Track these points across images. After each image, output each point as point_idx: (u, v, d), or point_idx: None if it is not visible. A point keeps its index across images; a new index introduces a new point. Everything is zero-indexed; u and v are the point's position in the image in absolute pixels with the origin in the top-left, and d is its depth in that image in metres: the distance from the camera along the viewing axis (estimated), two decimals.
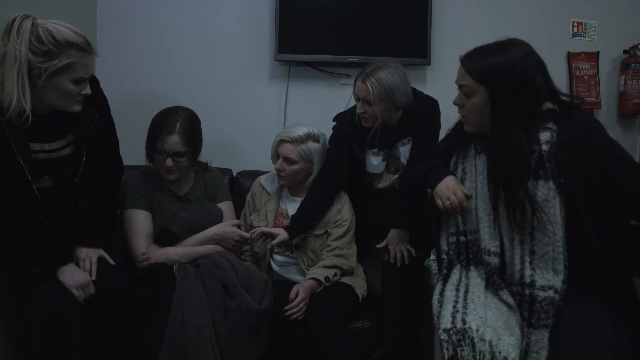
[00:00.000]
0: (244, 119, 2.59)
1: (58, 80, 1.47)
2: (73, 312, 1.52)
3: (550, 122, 1.34)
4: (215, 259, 1.77)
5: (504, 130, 1.32)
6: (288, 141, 1.97)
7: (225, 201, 2.04)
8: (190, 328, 1.56)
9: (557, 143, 1.31)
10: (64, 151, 1.62)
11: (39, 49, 1.42)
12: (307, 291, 1.81)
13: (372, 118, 1.93)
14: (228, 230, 1.92)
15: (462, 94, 1.40)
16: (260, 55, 2.59)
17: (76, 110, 1.56)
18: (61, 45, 1.44)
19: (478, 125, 1.41)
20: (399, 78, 1.89)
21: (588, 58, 2.74)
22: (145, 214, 1.88)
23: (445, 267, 1.47)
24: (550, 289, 1.29)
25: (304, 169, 1.99)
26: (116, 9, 2.51)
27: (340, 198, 2.04)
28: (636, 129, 2.81)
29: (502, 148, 1.32)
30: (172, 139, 1.83)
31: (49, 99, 1.51)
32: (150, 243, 1.85)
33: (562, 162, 1.30)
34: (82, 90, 1.53)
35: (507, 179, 1.33)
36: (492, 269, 1.38)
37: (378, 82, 1.86)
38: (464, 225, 1.45)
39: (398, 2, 2.53)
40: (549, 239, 1.30)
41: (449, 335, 1.27)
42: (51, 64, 1.43)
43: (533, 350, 1.26)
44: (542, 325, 1.27)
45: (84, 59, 1.49)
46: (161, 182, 1.95)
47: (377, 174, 2.10)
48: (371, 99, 1.87)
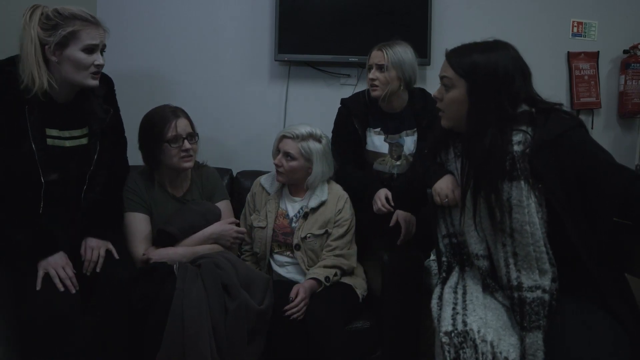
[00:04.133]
0: (244, 119, 2.59)
1: (69, 51, 1.56)
2: (73, 312, 1.53)
3: (524, 125, 1.34)
4: (216, 258, 1.77)
5: (479, 126, 1.33)
6: (290, 137, 1.99)
7: (223, 200, 2.04)
8: (189, 327, 1.57)
9: (531, 147, 1.31)
10: (81, 141, 1.69)
11: (47, 25, 1.55)
12: (307, 291, 1.81)
13: (382, 85, 2.07)
14: (225, 228, 1.92)
15: (442, 87, 1.42)
16: (260, 55, 2.59)
17: (92, 84, 1.63)
18: (65, 17, 1.56)
19: (454, 120, 1.41)
20: (411, 54, 2.09)
21: (588, 58, 2.74)
22: (143, 216, 1.87)
23: (444, 270, 1.48)
24: (538, 289, 1.28)
25: (303, 167, 1.99)
26: (116, 9, 2.51)
27: (340, 198, 2.04)
28: (636, 129, 2.82)
29: (476, 145, 1.33)
30: (183, 122, 1.87)
31: (66, 75, 1.59)
32: (149, 245, 1.85)
33: (539, 167, 1.30)
34: (94, 61, 1.60)
35: (480, 178, 1.33)
36: (484, 272, 1.38)
37: (393, 51, 2.06)
38: (453, 228, 1.47)
39: (398, 2, 2.53)
40: (527, 239, 1.29)
41: (450, 338, 1.27)
42: (57, 33, 1.54)
43: (529, 353, 1.25)
44: (534, 327, 1.26)
45: (88, 27, 1.58)
46: (159, 184, 1.94)
47: (378, 153, 2.16)
48: (385, 64, 2.05)
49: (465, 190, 1.39)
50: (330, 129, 2.30)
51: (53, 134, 1.62)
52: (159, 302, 1.61)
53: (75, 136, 1.68)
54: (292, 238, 1.98)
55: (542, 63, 2.72)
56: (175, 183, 1.96)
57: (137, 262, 1.81)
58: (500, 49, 1.36)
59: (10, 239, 1.54)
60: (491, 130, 1.31)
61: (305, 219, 1.99)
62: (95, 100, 1.70)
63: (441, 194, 1.44)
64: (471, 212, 1.38)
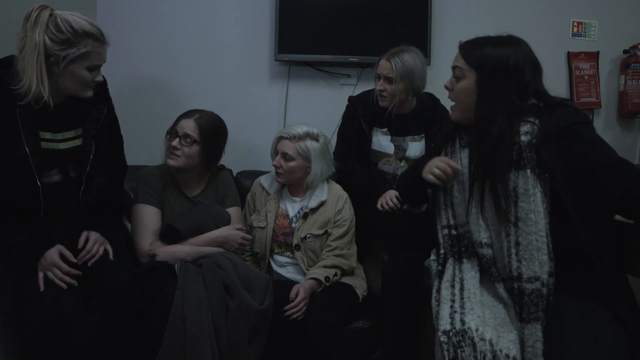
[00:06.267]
0: (244, 119, 2.59)
1: (74, 68, 1.55)
2: (73, 312, 1.52)
3: (532, 117, 1.36)
4: (217, 258, 1.77)
5: (487, 117, 1.35)
6: (287, 138, 1.99)
7: (234, 206, 2.05)
8: (190, 327, 1.57)
9: (538, 138, 1.33)
10: (75, 142, 1.68)
11: (57, 37, 1.51)
12: (307, 291, 1.81)
13: (390, 96, 2.06)
14: (232, 233, 1.92)
15: (453, 78, 1.44)
16: (260, 55, 2.59)
17: (88, 95, 1.64)
18: (79, 34, 1.53)
19: (464, 111, 1.43)
20: (420, 63, 2.06)
21: (588, 58, 2.74)
22: (155, 210, 1.89)
23: (440, 263, 1.48)
24: (536, 280, 1.29)
25: (302, 167, 2.00)
26: (116, 9, 2.51)
27: (340, 198, 2.04)
28: (636, 129, 2.82)
29: (484, 135, 1.35)
30: (187, 122, 1.90)
31: (64, 85, 1.58)
32: (155, 239, 1.85)
33: (545, 157, 1.31)
34: (95, 77, 1.61)
35: (488, 167, 1.35)
36: (487, 261, 1.39)
37: (401, 62, 2.02)
38: (454, 219, 1.47)
39: (398, 2, 2.53)
40: (531, 227, 1.30)
41: (448, 337, 1.27)
42: (69, 52, 1.52)
43: (528, 345, 1.26)
44: (533, 319, 1.27)
45: (98, 49, 1.58)
46: (174, 181, 1.96)
47: (383, 153, 2.17)
48: (393, 77, 2.03)
49: (473, 180, 1.40)
50: (331, 129, 2.30)
51: (47, 137, 1.61)
52: (159, 301, 1.61)
53: (68, 138, 1.66)
54: (292, 238, 1.98)
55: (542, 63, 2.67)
56: (192, 182, 1.98)
57: (141, 255, 1.82)
58: (513, 43, 1.39)
59: (7, 241, 1.53)
60: (499, 120, 1.33)
61: (305, 219, 1.99)
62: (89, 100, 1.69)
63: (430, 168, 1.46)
64: (478, 201, 1.39)
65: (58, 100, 1.62)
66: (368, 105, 2.17)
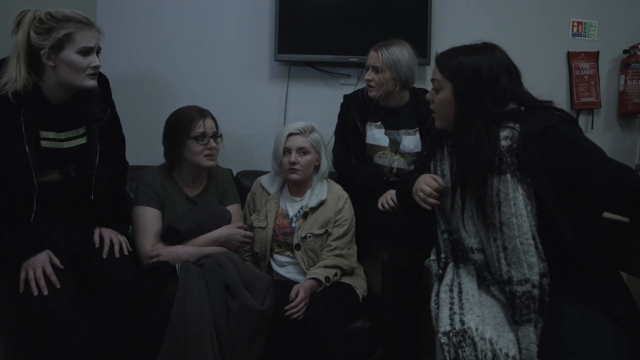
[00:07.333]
0: (244, 119, 2.59)
1: (65, 55, 1.55)
2: (72, 312, 1.53)
3: (512, 122, 1.36)
4: (218, 258, 1.77)
5: (465, 125, 1.36)
6: (297, 133, 2.01)
7: (234, 204, 2.05)
8: (191, 327, 1.57)
9: (518, 142, 1.33)
10: (78, 141, 1.68)
11: (40, 29, 1.53)
12: (307, 291, 1.81)
13: (377, 86, 2.10)
14: (233, 232, 1.92)
15: (433, 89, 1.47)
16: (260, 55, 2.59)
17: (91, 85, 1.62)
18: (59, 20, 1.55)
19: (445, 120, 1.45)
20: (408, 54, 2.09)
21: (588, 58, 2.74)
22: (155, 211, 1.89)
23: (441, 267, 1.49)
24: (527, 282, 1.29)
25: (314, 160, 2.03)
26: (116, 9, 2.51)
27: (340, 198, 2.04)
28: (636, 128, 2.82)
29: (463, 143, 1.36)
30: (209, 122, 1.92)
31: (63, 78, 1.58)
32: (156, 241, 1.85)
33: (526, 160, 1.31)
34: (91, 63, 1.59)
35: (468, 174, 1.36)
36: (480, 266, 1.40)
37: (388, 52, 2.07)
38: (448, 225, 1.49)
39: (398, 2, 2.53)
40: (514, 231, 1.30)
41: (448, 338, 1.27)
42: (52, 37, 1.53)
43: (523, 347, 1.26)
44: (525, 321, 1.27)
45: (82, 30, 1.57)
46: (175, 182, 1.96)
47: (378, 146, 2.18)
48: (379, 66, 2.07)
49: (455, 187, 1.41)
50: (330, 129, 2.30)
51: (50, 137, 1.62)
52: (161, 301, 1.61)
53: (71, 137, 1.67)
54: (292, 238, 1.99)
55: (542, 63, 2.72)
56: (193, 182, 1.98)
57: (143, 256, 1.82)
58: (486, 51, 1.39)
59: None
60: (476, 128, 1.34)
61: (305, 219, 1.99)
62: (93, 100, 1.70)
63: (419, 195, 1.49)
64: (460, 208, 1.40)
65: (62, 99, 1.63)
66: (360, 101, 2.21)
